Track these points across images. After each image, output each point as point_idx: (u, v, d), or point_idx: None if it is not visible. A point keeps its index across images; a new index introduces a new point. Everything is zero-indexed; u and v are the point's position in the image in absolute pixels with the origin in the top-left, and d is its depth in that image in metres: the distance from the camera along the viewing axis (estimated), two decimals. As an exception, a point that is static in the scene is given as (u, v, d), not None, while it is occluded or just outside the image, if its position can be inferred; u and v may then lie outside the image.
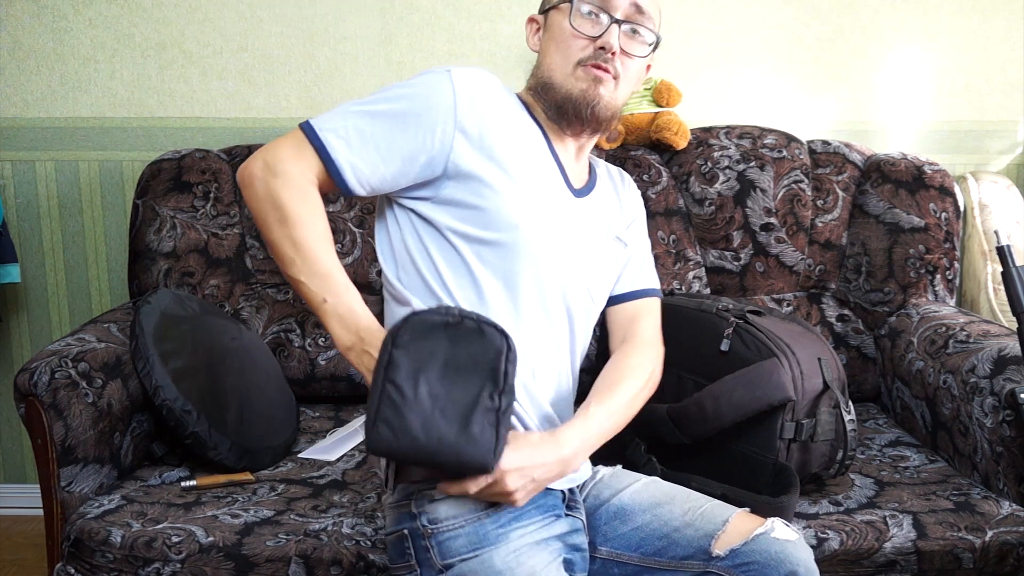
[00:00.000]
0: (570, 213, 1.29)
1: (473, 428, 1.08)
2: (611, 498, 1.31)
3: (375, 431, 1.08)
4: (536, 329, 1.27)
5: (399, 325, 1.10)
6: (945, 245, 2.00)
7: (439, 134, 1.20)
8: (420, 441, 1.07)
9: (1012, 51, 2.26)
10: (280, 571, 1.41)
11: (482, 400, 1.09)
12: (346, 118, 1.20)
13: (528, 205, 1.22)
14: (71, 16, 2.21)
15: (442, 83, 1.20)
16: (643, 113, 2.11)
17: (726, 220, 2.04)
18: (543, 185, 1.26)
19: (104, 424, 1.58)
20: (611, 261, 1.37)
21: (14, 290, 2.32)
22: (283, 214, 1.16)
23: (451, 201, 1.22)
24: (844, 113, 2.28)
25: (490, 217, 1.21)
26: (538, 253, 1.23)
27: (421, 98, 1.20)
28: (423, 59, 2.23)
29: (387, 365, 1.08)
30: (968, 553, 1.44)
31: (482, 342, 1.10)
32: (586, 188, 1.35)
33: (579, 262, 1.30)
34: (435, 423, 1.07)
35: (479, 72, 1.25)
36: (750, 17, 2.24)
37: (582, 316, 1.33)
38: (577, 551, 1.25)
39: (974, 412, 1.60)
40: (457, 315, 1.10)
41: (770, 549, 1.17)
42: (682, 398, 1.50)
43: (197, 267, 2.00)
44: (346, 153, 1.19)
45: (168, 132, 2.26)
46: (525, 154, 1.25)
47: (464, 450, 1.08)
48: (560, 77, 1.27)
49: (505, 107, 1.26)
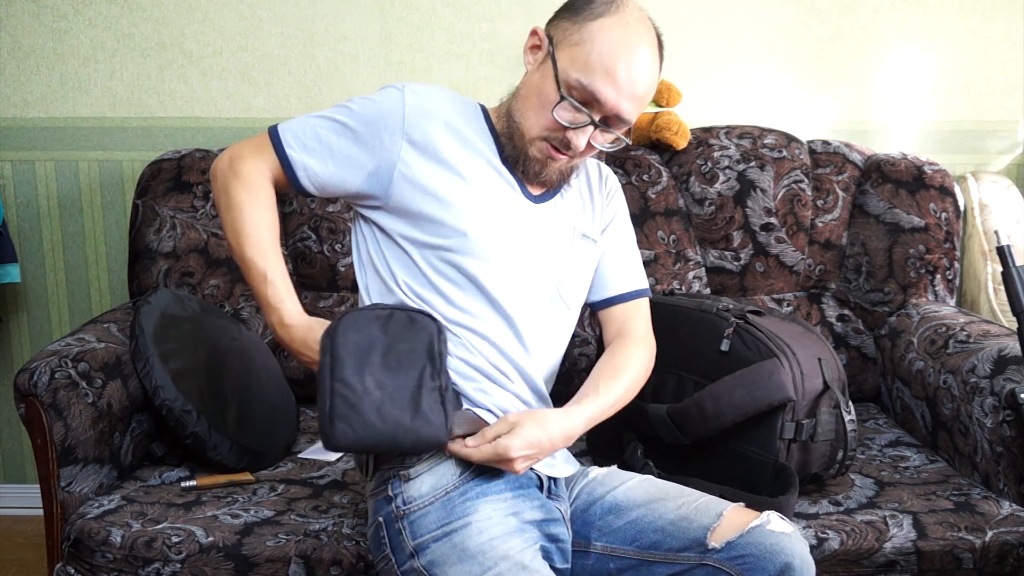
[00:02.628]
0: (526, 219, 1.32)
1: (424, 408, 1.17)
2: (605, 495, 1.32)
3: (333, 428, 1.15)
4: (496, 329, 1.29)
5: (335, 325, 1.19)
6: (945, 245, 2.00)
7: (386, 143, 1.27)
8: (378, 428, 1.15)
9: (1012, 51, 2.26)
10: (280, 571, 1.41)
11: (424, 381, 1.18)
12: (306, 122, 1.31)
13: (476, 213, 1.27)
14: (71, 16, 2.21)
15: (395, 97, 1.28)
16: (643, 113, 2.11)
17: (726, 220, 2.04)
18: (494, 194, 1.30)
19: (104, 424, 1.58)
20: (582, 259, 1.39)
21: (14, 290, 2.31)
22: (228, 202, 1.29)
23: (400, 210, 1.28)
24: (844, 113, 2.28)
25: (438, 225, 1.27)
26: (491, 258, 1.28)
27: (373, 111, 1.28)
28: (423, 59, 2.24)
29: (332, 364, 1.17)
30: (968, 553, 1.44)
31: (414, 329, 1.20)
32: (548, 193, 1.37)
33: (541, 265, 1.33)
34: (388, 410, 1.15)
35: (433, 88, 1.32)
36: (750, 17, 2.24)
37: (552, 315, 1.36)
38: (555, 542, 1.25)
39: (974, 412, 1.60)
40: (387, 308, 1.22)
41: (766, 541, 1.18)
42: (682, 398, 1.51)
43: (197, 267, 2.00)
44: (300, 153, 1.29)
45: (168, 132, 2.26)
46: (475, 166, 1.29)
47: (421, 430, 1.16)
48: (524, 134, 1.28)
49: (457, 122, 1.30)
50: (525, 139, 1.28)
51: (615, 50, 1.21)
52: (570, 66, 1.23)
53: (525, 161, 1.29)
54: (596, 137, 1.27)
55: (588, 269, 1.41)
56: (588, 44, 1.22)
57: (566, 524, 1.29)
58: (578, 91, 1.23)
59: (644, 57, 1.24)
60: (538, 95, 1.26)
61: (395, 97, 1.28)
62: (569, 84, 1.23)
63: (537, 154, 1.28)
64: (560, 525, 1.27)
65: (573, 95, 1.23)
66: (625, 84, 1.22)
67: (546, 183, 1.33)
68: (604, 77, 1.21)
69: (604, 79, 1.21)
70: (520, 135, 1.28)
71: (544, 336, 1.36)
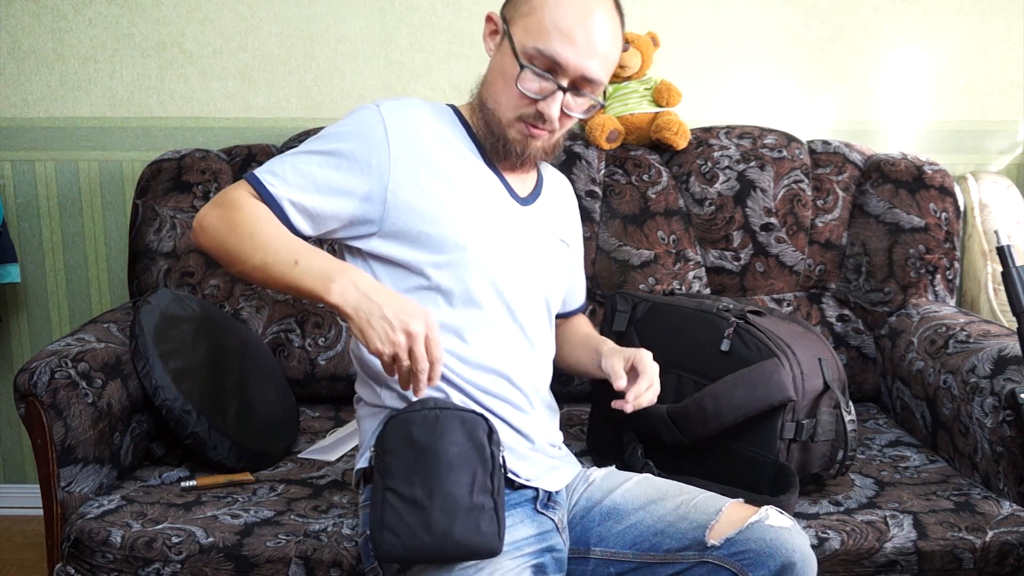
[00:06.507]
0: (517, 222, 1.32)
1: (475, 517, 1.12)
2: (603, 499, 1.31)
3: (383, 539, 1.12)
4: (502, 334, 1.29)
5: (382, 431, 1.15)
6: (945, 245, 2.00)
7: (375, 166, 1.23)
8: (426, 542, 1.11)
9: (1012, 51, 2.26)
10: (280, 572, 1.41)
11: (476, 485, 1.13)
12: (284, 161, 1.23)
13: (472, 223, 1.25)
14: (71, 16, 2.21)
15: (372, 118, 1.24)
16: (643, 113, 2.11)
17: (726, 220, 2.04)
18: (485, 200, 1.28)
19: (104, 424, 1.58)
20: (560, 262, 1.41)
21: (14, 290, 2.31)
22: (234, 223, 1.18)
23: (396, 232, 1.24)
24: (844, 113, 2.28)
25: (436, 241, 1.23)
26: (489, 266, 1.26)
27: (354, 135, 1.23)
28: (423, 59, 2.24)
29: (382, 473, 1.13)
30: (968, 553, 1.44)
31: (463, 429, 1.14)
32: (533, 195, 1.37)
33: (531, 268, 1.32)
34: (437, 520, 1.11)
35: (407, 101, 1.28)
36: (750, 17, 2.24)
37: (541, 318, 1.36)
38: (550, 552, 1.24)
39: (974, 412, 1.60)
40: (433, 407, 1.15)
41: (765, 536, 1.17)
42: (682, 398, 1.51)
43: (197, 267, 2.00)
44: (285, 190, 1.21)
45: (168, 132, 2.26)
46: (463, 173, 1.27)
47: (472, 541, 1.12)
48: (499, 119, 1.27)
49: (437, 132, 1.28)
50: (502, 123, 1.26)
51: (567, 11, 1.20)
52: (525, 37, 1.22)
53: (505, 145, 1.27)
54: (569, 105, 1.25)
55: (566, 273, 1.43)
56: (539, 11, 1.21)
57: (560, 533, 1.27)
58: (538, 59, 1.21)
59: (599, 14, 1.22)
60: (502, 74, 1.25)
61: (373, 117, 1.24)
62: (528, 54, 1.21)
63: (517, 135, 1.26)
64: (554, 536, 1.26)
65: (535, 64, 1.21)
66: (583, 43, 1.20)
67: (532, 162, 1.31)
68: (560, 39, 1.20)
69: (561, 41, 1.20)
70: (496, 121, 1.27)
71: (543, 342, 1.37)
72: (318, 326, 2.01)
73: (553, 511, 1.28)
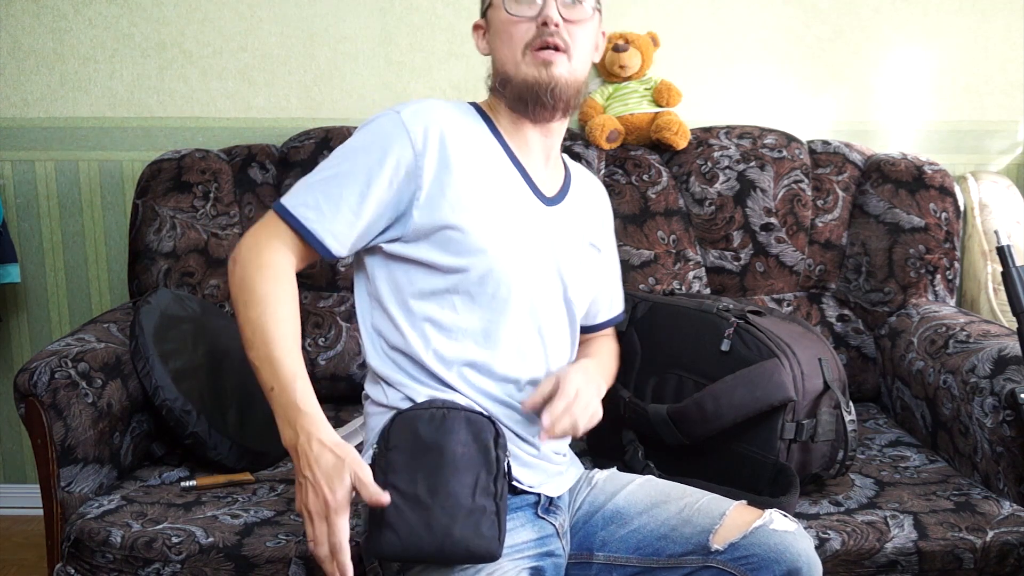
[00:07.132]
0: (542, 223, 1.29)
1: (475, 519, 1.11)
2: (606, 503, 1.30)
3: (381, 536, 1.10)
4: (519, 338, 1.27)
5: (388, 426, 1.14)
6: (945, 245, 2.00)
7: (402, 176, 1.21)
8: (425, 540, 1.10)
9: (1012, 51, 2.26)
10: (280, 572, 1.41)
11: (479, 487, 1.12)
12: (312, 189, 1.21)
13: (494, 226, 1.23)
14: (71, 16, 2.21)
15: (393, 125, 1.22)
16: (643, 113, 2.11)
17: (726, 220, 2.04)
18: (509, 201, 1.26)
19: (104, 424, 1.57)
20: (589, 267, 1.38)
21: (14, 290, 2.31)
22: (249, 297, 1.16)
23: (418, 235, 1.22)
24: (844, 113, 2.28)
25: (456, 244, 1.21)
26: (509, 268, 1.23)
27: (377, 147, 1.21)
28: (423, 59, 2.23)
29: (384, 468, 1.11)
30: (969, 553, 1.44)
31: (470, 430, 1.13)
32: (559, 195, 1.34)
33: (553, 270, 1.29)
34: (438, 520, 1.10)
35: (428, 104, 1.26)
36: (750, 17, 2.24)
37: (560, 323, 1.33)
38: (549, 557, 1.23)
39: (974, 412, 1.60)
40: (441, 407, 1.14)
41: (769, 541, 1.17)
42: (682, 398, 1.50)
43: (197, 267, 2.00)
44: (320, 222, 1.19)
45: (168, 132, 2.26)
46: (487, 173, 1.25)
47: (471, 543, 1.10)
48: (512, 68, 1.25)
49: (460, 132, 1.26)
50: (518, 66, 1.24)
51: None
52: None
53: (533, 91, 1.24)
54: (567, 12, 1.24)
55: (594, 279, 1.40)
56: None
57: (560, 539, 1.26)
58: None
59: None
60: (498, 34, 1.27)
61: (394, 126, 1.22)
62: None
63: (532, 70, 1.24)
64: (554, 541, 1.25)
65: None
66: None
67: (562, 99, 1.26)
68: None
69: None
70: (513, 70, 1.25)
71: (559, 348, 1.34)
72: (318, 326, 2.01)
73: (554, 516, 1.27)
